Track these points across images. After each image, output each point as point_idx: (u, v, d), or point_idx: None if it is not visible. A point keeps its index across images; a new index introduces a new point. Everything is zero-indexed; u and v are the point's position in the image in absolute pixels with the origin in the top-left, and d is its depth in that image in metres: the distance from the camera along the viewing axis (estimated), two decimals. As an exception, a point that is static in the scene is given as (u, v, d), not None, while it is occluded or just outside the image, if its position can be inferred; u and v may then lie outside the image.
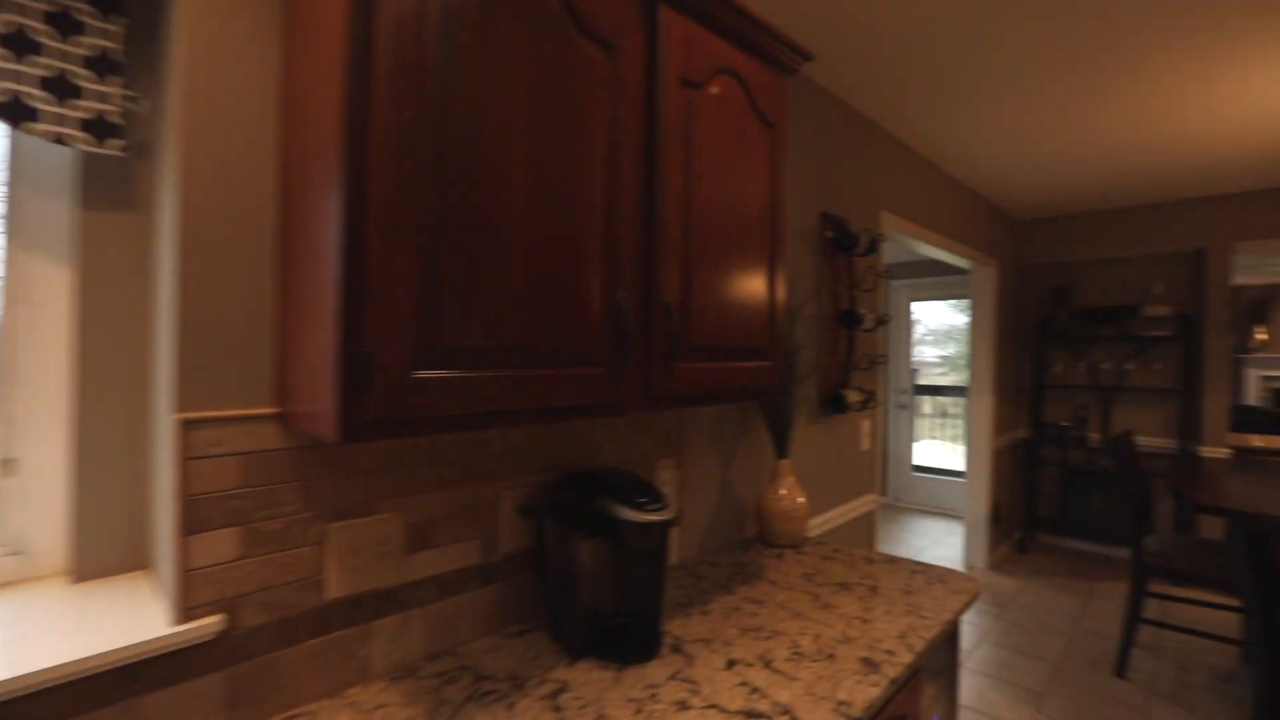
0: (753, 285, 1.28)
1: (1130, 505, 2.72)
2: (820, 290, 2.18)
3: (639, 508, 1.07)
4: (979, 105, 2.40)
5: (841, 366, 2.24)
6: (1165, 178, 3.42)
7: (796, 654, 1.11)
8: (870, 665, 1.07)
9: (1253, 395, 8.34)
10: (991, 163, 3.14)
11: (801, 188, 2.09)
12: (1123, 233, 4.05)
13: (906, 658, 1.10)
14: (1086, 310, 4.30)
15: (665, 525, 1.10)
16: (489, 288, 0.83)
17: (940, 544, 4.60)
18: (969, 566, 4.05)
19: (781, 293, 1.36)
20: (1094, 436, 4.34)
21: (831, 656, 1.10)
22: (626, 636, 1.13)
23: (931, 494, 5.67)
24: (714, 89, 1.18)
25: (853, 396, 2.14)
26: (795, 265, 2.05)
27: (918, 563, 1.60)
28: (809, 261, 2.13)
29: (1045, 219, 4.36)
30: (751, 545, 1.77)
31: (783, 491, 1.72)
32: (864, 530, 2.53)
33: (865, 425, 2.48)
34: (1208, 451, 3.70)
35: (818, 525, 2.19)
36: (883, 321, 2.26)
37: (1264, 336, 8.25)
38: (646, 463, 1.51)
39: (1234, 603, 3.40)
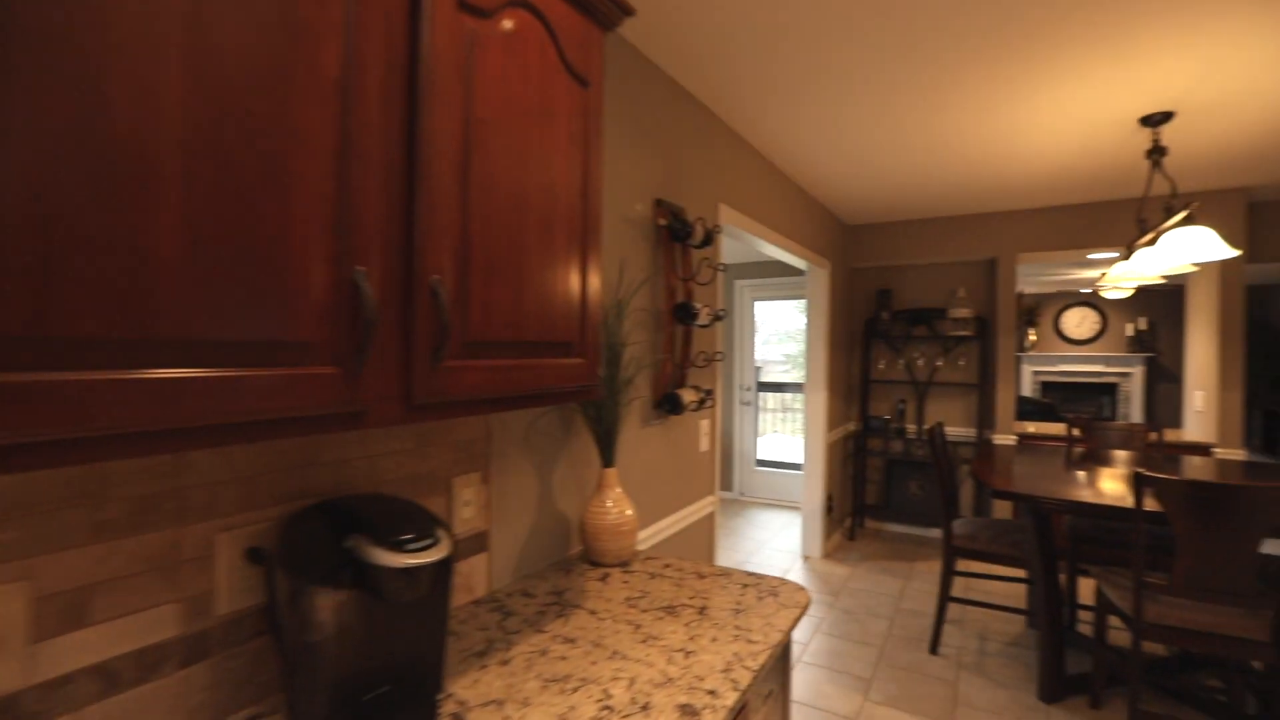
0: (559, 268, 1.08)
1: (942, 493, 2.92)
2: (654, 282, 2.05)
3: (400, 548, 0.82)
4: (808, 106, 2.41)
5: (677, 364, 2.13)
6: (968, 192, 3.78)
7: (606, 709, 0.93)
8: (690, 714, 0.92)
9: (1027, 388, 9.79)
10: (822, 167, 3.24)
11: (634, 169, 1.94)
12: (935, 240, 4.44)
13: (730, 698, 0.96)
14: (905, 311, 4.68)
15: (439, 566, 0.87)
16: (120, 246, 0.54)
17: (780, 536, 4.77)
18: (805, 557, 4.22)
19: (596, 279, 1.17)
20: (911, 428, 4.73)
21: (646, 708, 0.93)
22: (389, 712, 0.88)
23: (775, 487, 5.91)
24: (506, 23, 0.96)
25: (689, 396, 2.03)
26: (625, 253, 1.89)
27: (750, 574, 1.50)
28: (642, 250, 1.98)
29: (872, 225, 4.68)
30: (576, 566, 1.58)
31: (609, 504, 1.55)
32: (703, 535, 2.45)
33: (704, 425, 2.40)
34: (999, 439, 4.15)
35: (653, 535, 2.06)
36: (719, 317, 2.18)
37: (1034, 338, 9.73)
38: (440, 480, 1.26)
39: (1022, 575, 3.81)
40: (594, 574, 1.52)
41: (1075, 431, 3.42)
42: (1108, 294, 7.78)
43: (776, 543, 4.58)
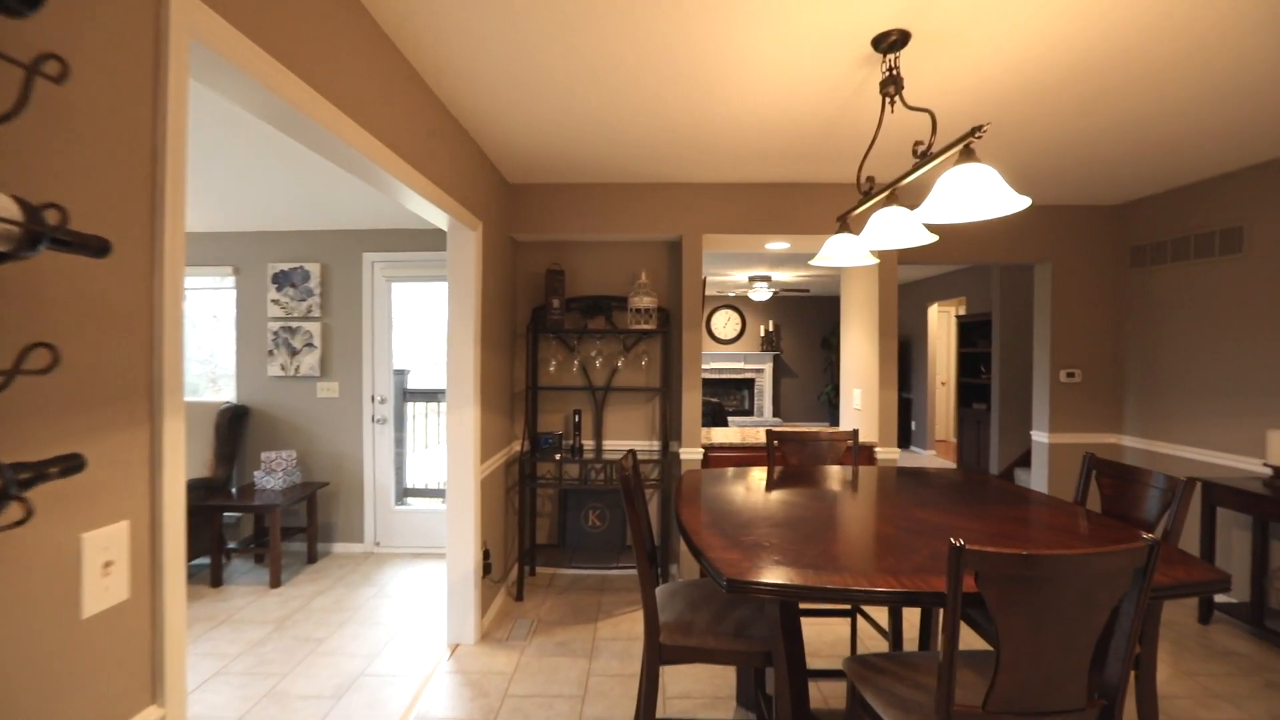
0: None
1: (639, 551, 1.92)
2: None
3: None
4: None
5: None
6: (657, 154, 2.97)
7: None
8: None
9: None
10: (462, 64, 1.99)
11: None
12: (616, 212, 3.59)
13: None
14: (581, 299, 3.75)
15: None
16: None
17: (426, 610, 3.37)
18: (454, 646, 2.91)
19: None
20: (589, 444, 3.83)
21: None
22: None
23: (425, 530, 4.45)
24: None
25: None
26: None
27: None
28: None
29: (541, 186, 3.61)
30: None
31: None
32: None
33: (92, 546, 0.88)
34: (686, 453, 3.50)
35: None
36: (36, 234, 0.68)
37: (688, 338, 10.22)
38: None
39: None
40: None
41: (776, 443, 2.85)
42: (753, 296, 8.39)
43: (416, 625, 3.16)
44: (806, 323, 10.34)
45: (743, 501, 2.10)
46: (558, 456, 3.60)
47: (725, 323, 10.32)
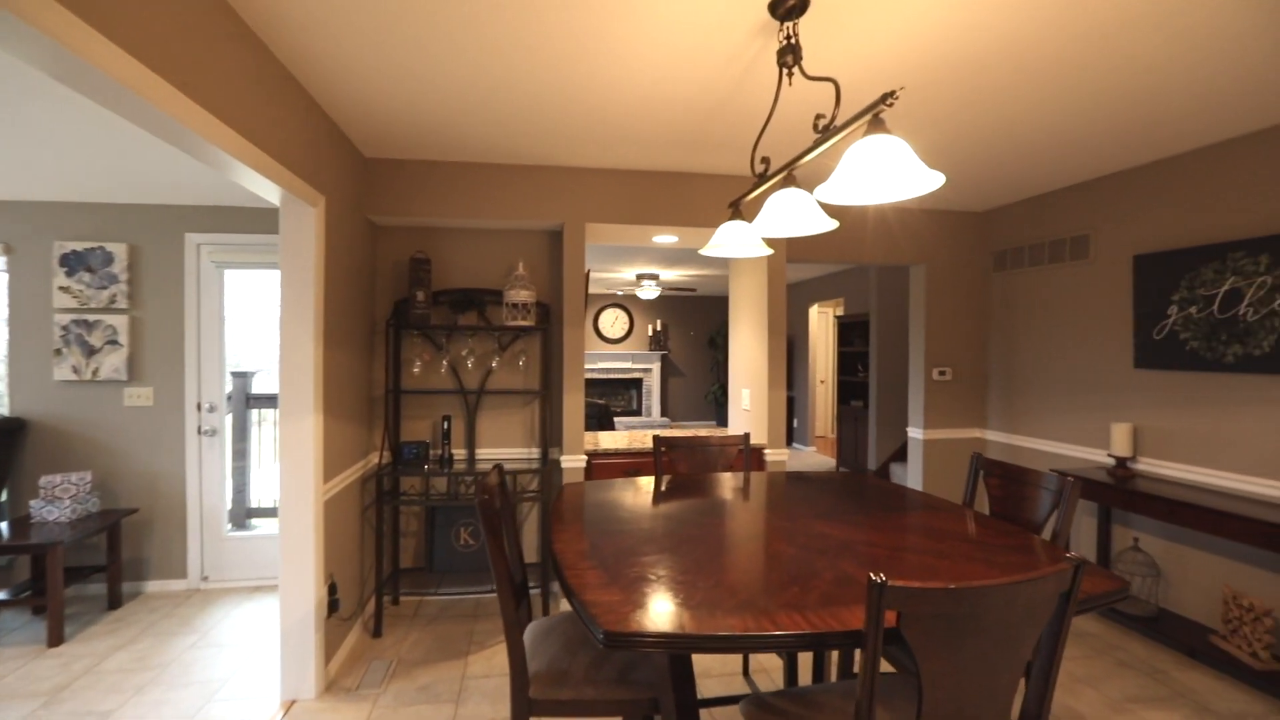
0: None
1: (504, 586, 1.60)
2: None
3: None
4: None
5: None
6: (535, 132, 2.66)
7: None
8: None
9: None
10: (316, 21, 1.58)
11: None
12: (489, 195, 3.22)
13: None
14: (450, 292, 3.35)
15: None
16: None
17: (253, 665, 2.82)
18: (290, 704, 2.43)
19: None
20: (460, 454, 3.44)
21: None
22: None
23: (270, 558, 3.82)
24: None
25: None
26: None
27: None
28: None
29: (402, 162, 3.17)
30: None
31: None
32: None
33: None
34: (568, 461, 3.21)
35: None
36: None
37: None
38: None
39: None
40: None
41: (664, 449, 2.64)
42: (641, 294, 8.25)
43: (245, 680, 2.63)
44: (694, 322, 10.39)
45: (628, 520, 1.85)
46: (425, 468, 3.18)
47: (613, 322, 10.14)
